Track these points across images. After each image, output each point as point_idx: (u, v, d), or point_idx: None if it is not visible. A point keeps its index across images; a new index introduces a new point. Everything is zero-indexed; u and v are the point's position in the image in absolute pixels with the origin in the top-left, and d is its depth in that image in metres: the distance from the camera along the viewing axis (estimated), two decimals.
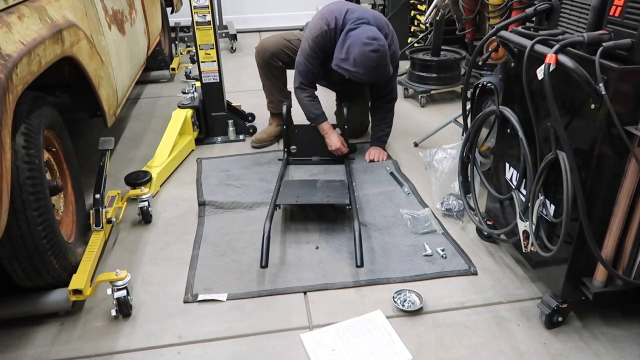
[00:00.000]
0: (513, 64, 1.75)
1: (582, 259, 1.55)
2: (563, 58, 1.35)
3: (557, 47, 1.37)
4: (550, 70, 1.36)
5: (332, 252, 2.10)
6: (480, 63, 2.06)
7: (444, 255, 2.05)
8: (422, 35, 4.11)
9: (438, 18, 3.19)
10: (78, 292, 1.70)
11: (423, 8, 4.20)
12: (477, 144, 2.11)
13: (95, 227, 2.01)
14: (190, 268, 2.02)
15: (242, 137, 3.18)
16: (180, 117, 2.96)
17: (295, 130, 2.86)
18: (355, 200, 2.30)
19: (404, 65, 3.79)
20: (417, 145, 3.04)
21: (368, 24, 2.55)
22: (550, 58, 1.36)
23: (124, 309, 1.77)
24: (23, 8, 1.64)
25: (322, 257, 2.07)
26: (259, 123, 3.26)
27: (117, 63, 2.60)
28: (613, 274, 1.51)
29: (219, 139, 3.16)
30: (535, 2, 1.67)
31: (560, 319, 1.69)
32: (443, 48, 3.72)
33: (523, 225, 1.70)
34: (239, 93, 3.95)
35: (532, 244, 1.66)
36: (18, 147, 1.55)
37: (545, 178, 1.59)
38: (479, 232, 2.18)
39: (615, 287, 1.57)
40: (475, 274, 1.96)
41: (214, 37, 2.91)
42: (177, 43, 5.02)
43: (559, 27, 1.56)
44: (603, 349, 1.62)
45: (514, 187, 1.79)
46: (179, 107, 3.04)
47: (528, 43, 1.50)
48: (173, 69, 4.39)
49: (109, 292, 1.74)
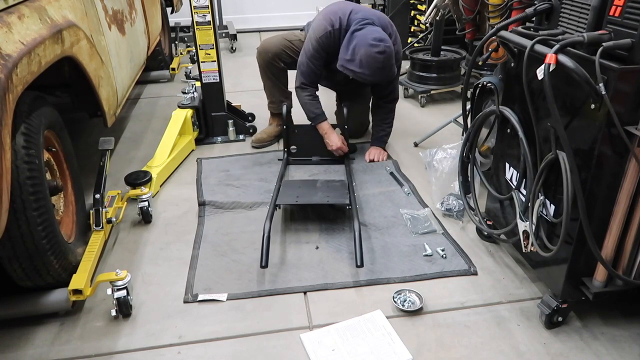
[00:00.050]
0: (513, 64, 1.75)
1: (582, 259, 1.55)
2: (563, 58, 1.35)
3: (557, 47, 1.37)
4: (550, 70, 1.36)
5: (332, 252, 2.10)
6: (480, 63, 2.06)
7: (444, 255, 2.05)
8: (422, 35, 4.11)
9: (438, 18, 3.19)
10: (78, 292, 1.70)
11: (423, 8, 4.20)
12: (477, 144, 2.11)
13: (95, 227, 2.01)
14: (190, 268, 2.02)
15: (242, 137, 3.18)
16: (180, 117, 2.96)
17: (295, 130, 2.86)
18: (355, 200, 2.30)
19: (404, 65, 3.79)
20: (417, 145, 3.04)
21: (373, 25, 2.55)
22: (550, 58, 1.36)
23: (124, 309, 1.77)
24: (23, 8, 1.64)
25: (322, 257, 2.07)
26: (259, 123, 3.26)
27: (117, 63, 2.60)
28: (613, 274, 1.51)
29: (219, 139, 3.16)
30: (535, 2, 1.67)
31: (560, 319, 1.69)
32: (443, 48, 3.72)
33: (523, 225, 1.70)
34: (239, 93, 3.95)
35: (532, 244, 1.66)
36: (18, 147, 1.55)
37: (545, 178, 1.59)
38: (479, 232, 2.18)
39: (615, 287, 1.57)
40: (475, 274, 1.96)
41: (214, 37, 2.91)
42: (177, 43, 5.02)
43: (559, 27, 1.56)
44: (603, 349, 1.62)
45: (514, 187, 1.79)
46: (179, 107, 3.04)
47: (528, 43, 1.50)
48: (173, 69, 4.39)
49: (109, 292, 1.74)
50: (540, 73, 1.38)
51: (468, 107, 2.28)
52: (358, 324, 1.72)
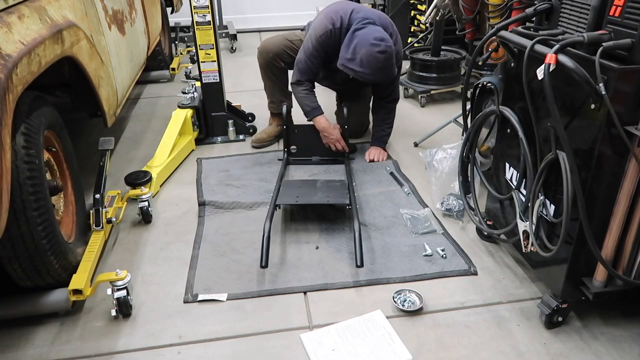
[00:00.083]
0: (513, 64, 1.75)
1: (582, 259, 1.55)
2: (563, 58, 1.35)
3: (557, 47, 1.37)
4: (550, 70, 1.36)
5: (332, 252, 2.10)
6: (480, 63, 2.06)
7: (444, 255, 2.05)
8: (422, 35, 4.11)
9: (438, 18, 3.19)
10: (78, 292, 1.70)
11: (423, 8, 4.20)
12: (477, 144, 2.11)
13: (95, 227, 2.01)
14: (190, 268, 2.02)
15: (242, 137, 3.18)
16: (180, 117, 2.96)
17: (295, 130, 2.86)
18: (355, 200, 2.30)
19: (404, 65, 3.79)
20: (417, 145, 3.04)
21: (374, 24, 2.55)
22: (550, 58, 1.36)
23: (124, 309, 1.77)
24: (23, 8, 1.64)
25: (322, 257, 2.07)
26: (259, 123, 3.26)
27: (117, 63, 2.60)
28: (613, 274, 1.51)
29: (219, 139, 3.16)
30: (535, 2, 1.67)
31: (560, 319, 1.69)
32: (443, 48, 3.72)
33: (523, 225, 1.70)
34: (239, 93, 3.95)
35: (532, 244, 1.66)
36: (18, 147, 1.55)
37: (545, 178, 1.59)
38: (479, 232, 2.18)
39: (615, 287, 1.57)
40: (475, 274, 1.96)
41: (214, 37, 2.91)
42: (177, 43, 5.01)
43: (559, 27, 1.56)
44: (603, 349, 1.62)
45: (514, 187, 1.79)
46: (179, 107, 3.04)
47: (528, 43, 1.50)
48: (173, 69, 4.39)
49: (109, 292, 1.74)
50: (540, 73, 1.38)
51: (468, 107, 2.28)
52: (358, 324, 1.72)
